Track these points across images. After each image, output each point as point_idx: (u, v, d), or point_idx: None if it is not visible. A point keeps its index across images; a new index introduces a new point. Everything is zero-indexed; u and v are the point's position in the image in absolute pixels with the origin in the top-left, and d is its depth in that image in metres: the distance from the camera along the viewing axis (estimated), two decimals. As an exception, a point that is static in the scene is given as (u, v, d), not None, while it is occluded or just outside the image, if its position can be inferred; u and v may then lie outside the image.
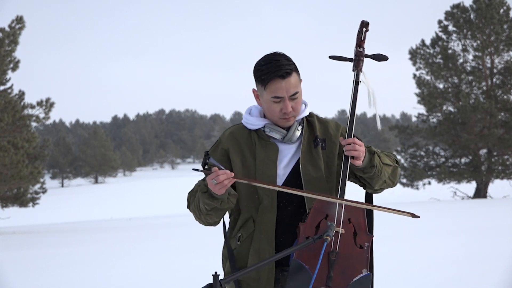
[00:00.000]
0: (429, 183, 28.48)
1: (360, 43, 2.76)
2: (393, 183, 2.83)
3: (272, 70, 2.62)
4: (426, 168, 28.08)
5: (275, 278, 2.71)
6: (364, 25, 2.76)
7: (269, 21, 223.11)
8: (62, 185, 78.18)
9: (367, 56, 2.77)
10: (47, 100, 21.41)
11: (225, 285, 2.33)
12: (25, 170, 20.42)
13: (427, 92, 27.45)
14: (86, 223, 23.78)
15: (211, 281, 2.23)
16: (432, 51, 27.80)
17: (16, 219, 27.50)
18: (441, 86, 27.91)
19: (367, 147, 2.69)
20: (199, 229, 15.55)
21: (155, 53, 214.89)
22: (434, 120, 28.24)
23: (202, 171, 2.57)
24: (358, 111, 2.88)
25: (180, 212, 29.58)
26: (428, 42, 28.01)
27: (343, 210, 2.61)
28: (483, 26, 26.99)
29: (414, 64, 27.95)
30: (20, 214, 30.33)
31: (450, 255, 8.65)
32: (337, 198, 2.60)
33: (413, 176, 27.86)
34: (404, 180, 28.35)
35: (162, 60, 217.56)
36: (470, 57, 27.63)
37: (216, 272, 2.22)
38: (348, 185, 2.71)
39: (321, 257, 2.45)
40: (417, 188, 28.54)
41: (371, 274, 2.62)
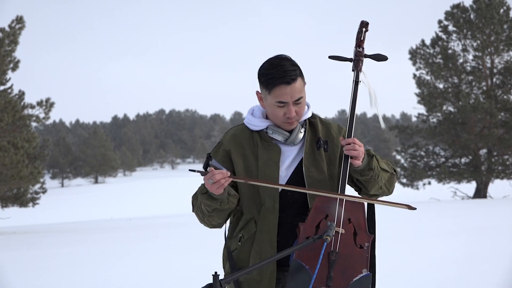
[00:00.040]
0: (429, 183, 28.47)
1: (359, 43, 2.76)
2: (388, 190, 2.83)
3: (278, 75, 2.61)
4: (426, 168, 28.07)
5: (276, 278, 2.71)
6: (364, 25, 2.76)
7: (269, 21, 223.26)
8: (62, 185, 78.18)
9: (366, 56, 2.77)
10: (47, 100, 21.41)
11: (225, 285, 2.34)
12: (25, 170, 20.42)
13: (427, 92, 27.44)
14: (86, 223, 23.77)
15: (211, 281, 2.23)
16: (432, 51, 27.79)
17: (16, 219, 27.50)
18: (441, 86, 27.90)
19: (366, 150, 2.69)
20: (199, 229, 15.55)
21: (155, 53, 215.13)
22: (434, 120, 28.23)
23: (198, 172, 2.56)
24: (358, 111, 2.89)
25: (180, 212, 29.57)
26: (428, 42, 28.02)
27: (343, 210, 2.61)
28: (483, 26, 26.99)
29: (414, 64, 27.95)
30: (20, 214, 30.33)
31: (450, 255, 8.64)
32: (337, 194, 2.60)
33: (413, 176, 27.85)
34: (404, 180, 28.34)
35: (162, 60, 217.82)
36: (470, 57, 27.64)
37: (216, 272, 2.22)
38: (348, 189, 2.72)
39: (321, 257, 2.45)
40: (417, 188, 28.53)
41: (371, 274, 2.62)
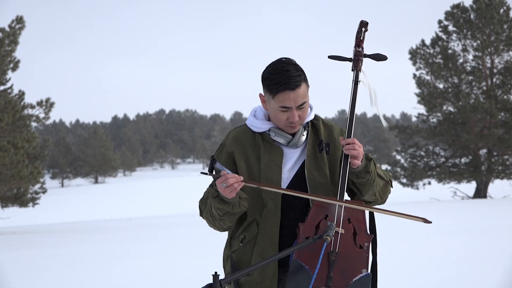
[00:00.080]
0: (429, 183, 28.47)
1: (359, 43, 2.76)
2: (381, 199, 2.82)
3: (282, 81, 2.61)
4: (426, 168, 28.07)
5: (277, 279, 2.72)
6: (363, 25, 2.76)
7: (269, 21, 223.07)
8: (62, 185, 78.17)
9: (366, 56, 2.77)
10: (47, 100, 21.41)
11: (225, 285, 2.33)
12: (25, 170, 20.42)
13: (427, 92, 27.43)
14: (86, 223, 23.77)
15: (211, 281, 2.23)
16: (432, 51, 27.79)
17: (16, 219, 27.50)
18: (441, 86, 27.90)
19: (364, 154, 2.69)
20: (199, 229, 15.55)
21: (155, 53, 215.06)
22: (434, 120, 28.23)
23: (211, 175, 2.58)
24: (358, 111, 2.89)
25: (180, 212, 29.57)
26: (428, 42, 28.02)
27: (343, 210, 2.61)
28: (483, 26, 26.98)
29: (414, 64, 27.94)
30: (20, 214, 30.33)
31: (450, 255, 8.64)
32: (347, 202, 2.60)
33: (413, 176, 27.85)
34: (404, 180, 28.34)
35: (162, 60, 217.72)
36: (470, 57, 27.64)
37: (216, 272, 2.22)
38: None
39: (321, 257, 2.45)
40: (417, 188, 28.53)
41: (371, 274, 2.62)
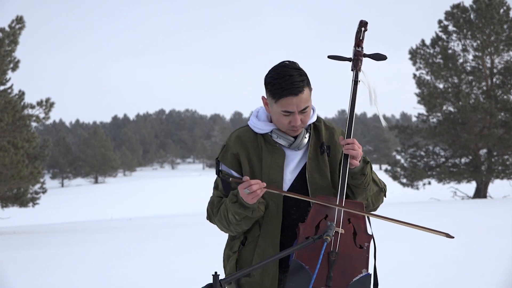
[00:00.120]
0: (429, 183, 28.46)
1: (358, 42, 2.76)
2: (373, 205, 2.82)
3: (285, 87, 2.60)
4: (426, 168, 28.06)
5: (278, 279, 2.72)
6: (363, 24, 2.76)
7: (269, 21, 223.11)
8: (62, 185, 78.16)
9: (365, 55, 2.77)
10: (47, 100, 21.40)
11: (226, 285, 2.33)
12: (25, 170, 20.42)
13: (427, 92, 27.43)
14: (86, 223, 23.76)
15: (211, 281, 2.23)
16: (432, 51, 27.78)
17: (16, 219, 27.50)
18: (441, 86, 27.90)
19: (362, 156, 2.70)
20: (199, 229, 15.55)
21: (155, 53, 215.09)
22: (434, 120, 28.23)
23: (233, 181, 2.57)
24: (358, 111, 2.89)
25: (180, 212, 29.57)
26: (428, 42, 28.01)
27: (342, 210, 2.61)
28: (483, 26, 26.98)
29: (414, 64, 27.94)
30: (20, 214, 30.33)
31: (450, 255, 8.64)
32: (380, 216, 2.60)
33: (413, 176, 27.85)
34: (404, 180, 28.33)
35: (162, 60, 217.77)
36: (470, 57, 27.63)
37: (216, 272, 2.21)
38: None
39: (321, 257, 2.45)
40: (417, 188, 28.53)
41: (371, 274, 2.62)
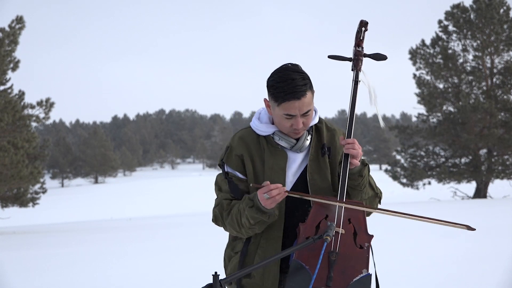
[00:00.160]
0: (429, 183, 28.46)
1: (359, 42, 2.75)
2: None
3: (288, 91, 2.59)
4: (426, 168, 28.06)
5: (278, 281, 2.72)
6: (363, 24, 2.75)
7: (269, 21, 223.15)
8: (62, 185, 78.15)
9: (366, 55, 2.76)
10: (47, 100, 21.40)
11: (226, 285, 2.33)
12: (25, 170, 20.41)
13: (427, 92, 27.43)
14: (86, 223, 23.76)
15: (211, 281, 2.23)
16: (432, 51, 27.78)
17: (16, 219, 27.49)
18: (441, 86, 27.89)
19: (361, 159, 2.70)
20: (199, 229, 15.54)
21: (155, 53, 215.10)
22: (434, 120, 28.22)
23: (253, 186, 2.58)
24: (358, 111, 2.89)
25: (180, 212, 29.57)
26: (428, 42, 28.01)
27: (343, 210, 2.61)
28: (483, 26, 26.97)
29: (414, 64, 27.93)
30: (20, 214, 30.32)
31: (450, 255, 8.64)
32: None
33: (413, 176, 27.84)
34: (404, 180, 28.33)
35: (162, 60, 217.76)
36: (470, 57, 27.62)
37: (216, 272, 2.21)
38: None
39: (321, 257, 2.45)
40: (417, 188, 28.52)
41: (371, 274, 2.62)
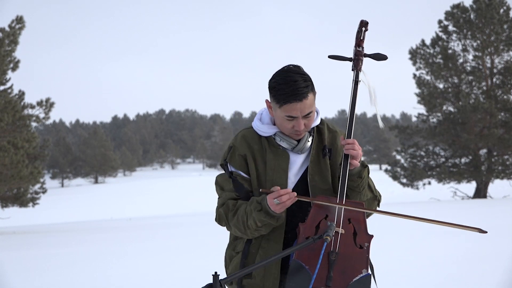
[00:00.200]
0: (429, 183, 28.46)
1: (359, 42, 2.75)
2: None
3: (289, 92, 2.59)
4: (426, 168, 28.06)
5: (279, 281, 2.71)
6: (363, 24, 2.75)
7: (269, 21, 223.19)
8: (62, 185, 78.15)
9: (366, 55, 2.76)
10: (47, 100, 21.41)
11: (226, 285, 2.33)
12: (25, 170, 20.41)
13: (427, 92, 27.43)
14: (86, 223, 23.76)
15: (211, 281, 2.23)
16: (432, 51, 27.78)
17: (16, 219, 27.49)
18: (441, 86, 27.90)
19: (360, 160, 2.70)
20: (198, 229, 15.55)
21: (155, 53, 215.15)
22: (434, 120, 28.23)
23: (263, 191, 2.58)
24: (358, 111, 2.89)
25: (180, 212, 29.57)
26: (428, 42, 28.01)
27: (343, 210, 2.61)
28: (483, 26, 26.97)
29: (414, 64, 27.94)
30: (20, 214, 30.32)
31: (450, 255, 8.63)
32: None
33: (413, 176, 27.84)
34: (404, 180, 28.33)
35: (162, 60, 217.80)
36: (470, 57, 27.63)
37: (216, 272, 2.21)
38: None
39: (321, 257, 2.45)
40: (417, 188, 28.52)
41: (371, 274, 2.62)
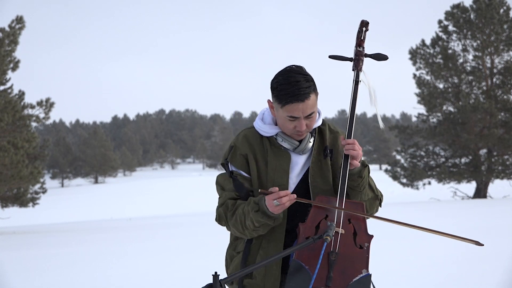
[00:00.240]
0: (429, 183, 28.46)
1: (360, 42, 2.75)
2: (367, 211, 2.79)
3: (291, 93, 2.59)
4: (426, 168, 28.06)
5: (280, 280, 2.71)
6: (364, 24, 2.76)
7: (269, 21, 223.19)
8: (62, 185, 78.15)
9: (367, 55, 2.76)
10: (47, 100, 21.41)
11: (227, 285, 2.33)
12: (25, 170, 20.41)
13: (427, 92, 27.43)
14: (86, 223, 23.76)
15: (211, 281, 2.23)
16: (432, 51, 27.78)
17: (16, 219, 27.50)
18: (441, 86, 27.90)
19: (361, 160, 2.70)
20: (198, 229, 15.55)
21: (155, 53, 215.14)
22: (434, 120, 28.23)
23: (262, 192, 2.57)
24: (358, 111, 2.89)
25: (180, 212, 29.57)
26: (428, 42, 28.01)
27: (342, 210, 2.61)
28: (483, 26, 26.97)
29: (414, 64, 27.94)
30: (20, 214, 30.32)
31: (450, 255, 8.63)
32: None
33: (413, 176, 27.84)
34: (404, 180, 28.33)
35: (162, 60, 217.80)
36: (470, 57, 27.63)
37: (216, 272, 2.21)
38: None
39: (321, 257, 2.45)
40: (417, 188, 28.52)
41: (371, 275, 2.61)
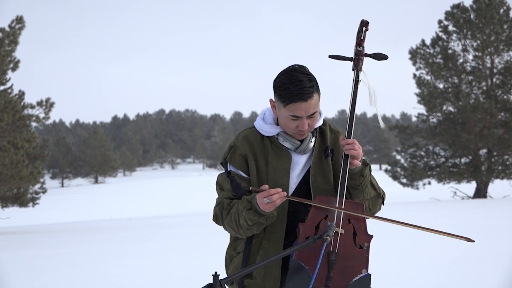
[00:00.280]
0: (429, 183, 28.46)
1: (360, 42, 2.75)
2: (370, 210, 2.80)
3: (294, 92, 2.59)
4: (426, 168, 28.06)
5: (280, 280, 2.71)
6: (364, 24, 2.76)
7: (269, 21, 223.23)
8: (62, 185, 78.15)
9: (367, 55, 2.76)
10: (47, 100, 21.41)
11: (227, 285, 2.32)
12: (25, 170, 20.41)
13: (427, 92, 27.43)
14: (86, 223, 23.76)
15: (211, 281, 2.23)
16: (432, 51, 27.78)
17: (16, 219, 27.49)
18: (441, 86, 27.90)
19: (362, 159, 2.70)
20: (199, 229, 15.55)
21: (155, 53, 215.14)
22: (434, 120, 28.23)
23: (253, 190, 2.57)
24: (358, 111, 2.88)
25: (180, 212, 29.57)
26: (428, 42, 28.01)
27: (342, 211, 2.61)
28: (483, 26, 26.97)
29: (414, 64, 27.94)
30: (20, 214, 30.32)
31: (450, 255, 8.63)
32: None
33: (413, 176, 27.84)
34: (404, 180, 28.33)
35: (162, 60, 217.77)
36: (470, 57, 27.63)
37: (216, 272, 2.21)
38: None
39: (321, 257, 2.45)
40: (417, 188, 28.52)
41: (370, 274, 2.61)
